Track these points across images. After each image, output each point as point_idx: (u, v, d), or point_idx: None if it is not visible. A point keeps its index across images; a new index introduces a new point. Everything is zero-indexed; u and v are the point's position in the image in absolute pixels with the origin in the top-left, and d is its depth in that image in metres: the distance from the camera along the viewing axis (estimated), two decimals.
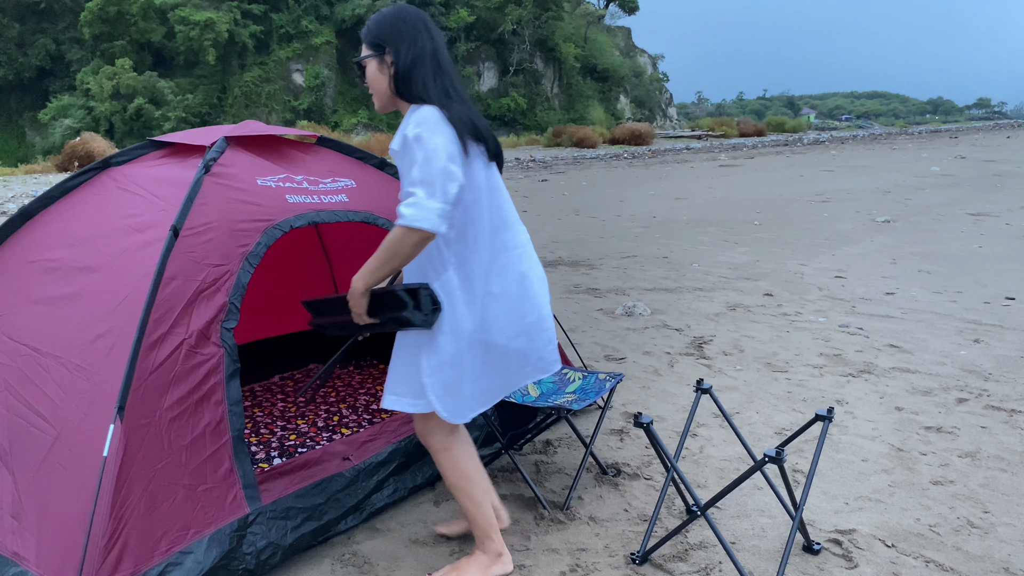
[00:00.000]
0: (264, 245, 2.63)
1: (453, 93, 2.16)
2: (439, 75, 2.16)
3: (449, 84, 2.17)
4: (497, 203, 2.28)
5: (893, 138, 47.68)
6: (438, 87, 2.15)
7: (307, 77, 41.98)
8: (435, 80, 2.15)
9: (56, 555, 2.11)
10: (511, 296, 2.26)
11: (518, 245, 2.32)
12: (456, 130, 2.09)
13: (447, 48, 2.23)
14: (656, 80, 59.68)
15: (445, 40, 2.26)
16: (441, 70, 2.17)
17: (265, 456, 3.22)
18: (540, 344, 2.35)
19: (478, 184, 2.20)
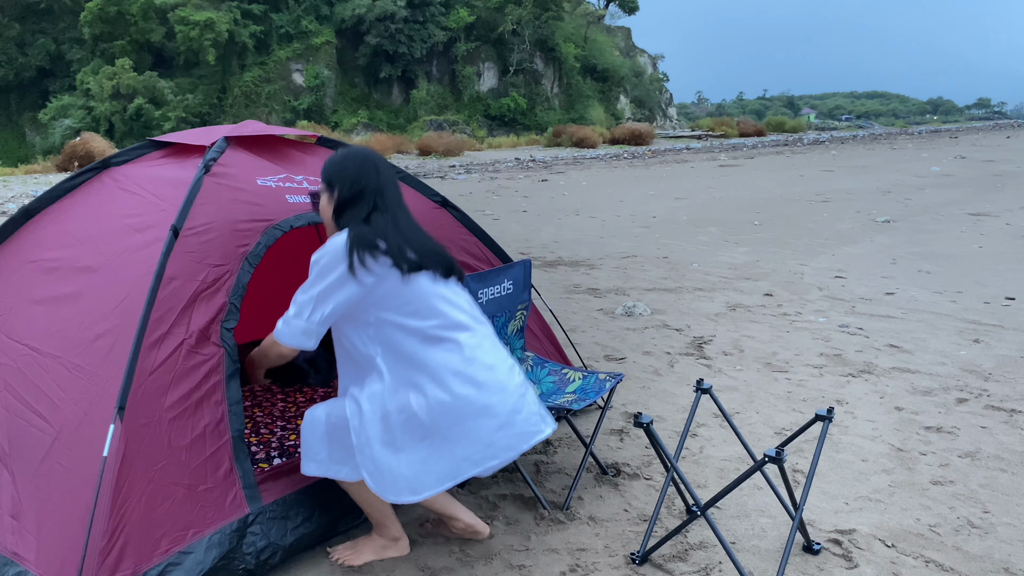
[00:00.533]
0: (264, 245, 2.63)
1: (387, 224, 2.32)
2: (376, 211, 2.34)
3: (388, 219, 2.34)
4: (432, 314, 2.33)
5: (893, 138, 47.69)
6: (374, 217, 2.33)
7: (307, 77, 41.99)
8: (370, 215, 2.33)
9: (56, 555, 2.11)
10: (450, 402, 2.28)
11: (460, 349, 2.32)
12: (358, 249, 2.24)
13: (395, 187, 2.42)
14: (656, 80, 59.68)
15: (395, 178, 2.47)
16: (382, 207, 2.35)
17: (265, 456, 3.22)
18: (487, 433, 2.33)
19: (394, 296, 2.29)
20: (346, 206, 2.35)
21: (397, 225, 2.34)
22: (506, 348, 2.55)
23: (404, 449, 2.28)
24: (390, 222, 2.34)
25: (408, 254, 2.29)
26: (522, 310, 3.29)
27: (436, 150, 29.68)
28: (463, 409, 2.27)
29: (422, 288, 2.32)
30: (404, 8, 42.19)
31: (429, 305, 2.32)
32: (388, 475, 2.28)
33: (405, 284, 2.29)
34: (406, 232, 2.35)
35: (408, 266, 2.28)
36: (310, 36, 42.90)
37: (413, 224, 2.40)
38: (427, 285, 2.33)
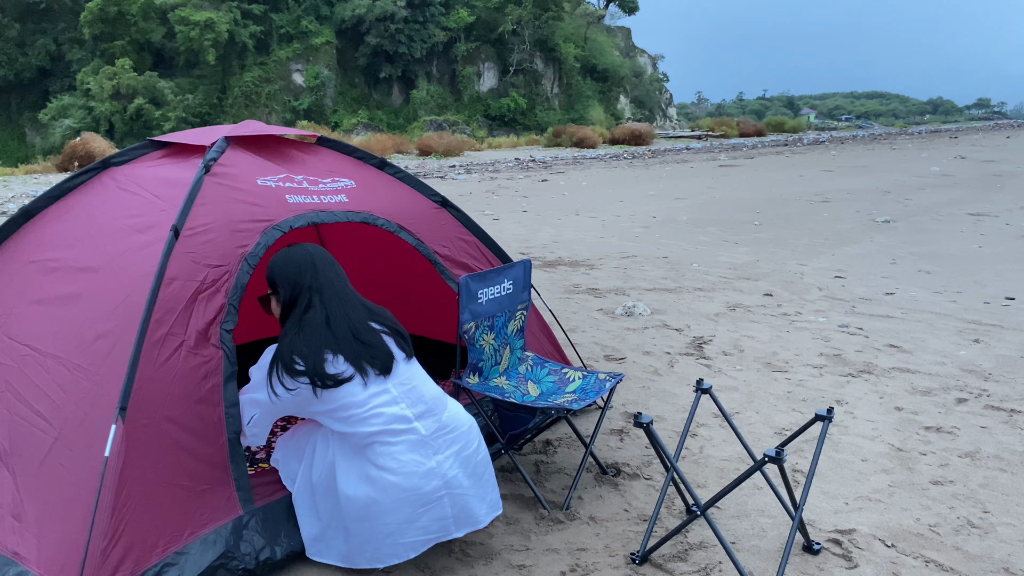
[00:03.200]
0: (264, 246, 2.63)
1: (313, 332, 2.37)
2: (311, 309, 2.41)
3: (320, 321, 2.39)
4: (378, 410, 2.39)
5: (893, 138, 47.69)
6: (307, 319, 2.40)
7: (307, 77, 42.00)
8: (309, 310, 2.41)
9: (57, 555, 2.11)
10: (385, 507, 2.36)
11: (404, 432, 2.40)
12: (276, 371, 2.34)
13: (337, 281, 2.48)
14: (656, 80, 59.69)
15: (338, 272, 2.51)
16: (318, 305, 2.42)
17: (265, 456, 3.22)
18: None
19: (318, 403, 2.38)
20: (287, 308, 2.47)
21: (329, 326, 2.39)
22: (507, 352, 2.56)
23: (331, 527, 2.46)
24: (321, 324, 2.39)
25: (327, 368, 2.34)
26: (522, 310, 3.29)
27: (436, 150, 29.69)
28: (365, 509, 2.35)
29: (344, 398, 2.36)
30: (404, 8, 42.20)
31: (350, 414, 2.37)
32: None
33: (325, 397, 2.36)
34: (337, 332, 2.39)
35: (324, 383, 2.34)
36: (310, 36, 42.91)
37: (349, 319, 2.43)
38: (351, 394, 2.36)
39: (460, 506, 2.44)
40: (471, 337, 3.00)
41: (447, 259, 3.33)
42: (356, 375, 2.37)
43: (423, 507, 2.38)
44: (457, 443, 2.48)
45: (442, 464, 2.42)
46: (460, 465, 2.46)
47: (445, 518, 2.42)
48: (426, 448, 2.41)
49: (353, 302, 2.49)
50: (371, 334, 2.45)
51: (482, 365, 3.10)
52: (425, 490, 2.37)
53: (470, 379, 3.06)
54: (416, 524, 2.38)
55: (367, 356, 2.40)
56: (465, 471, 2.47)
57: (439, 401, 2.52)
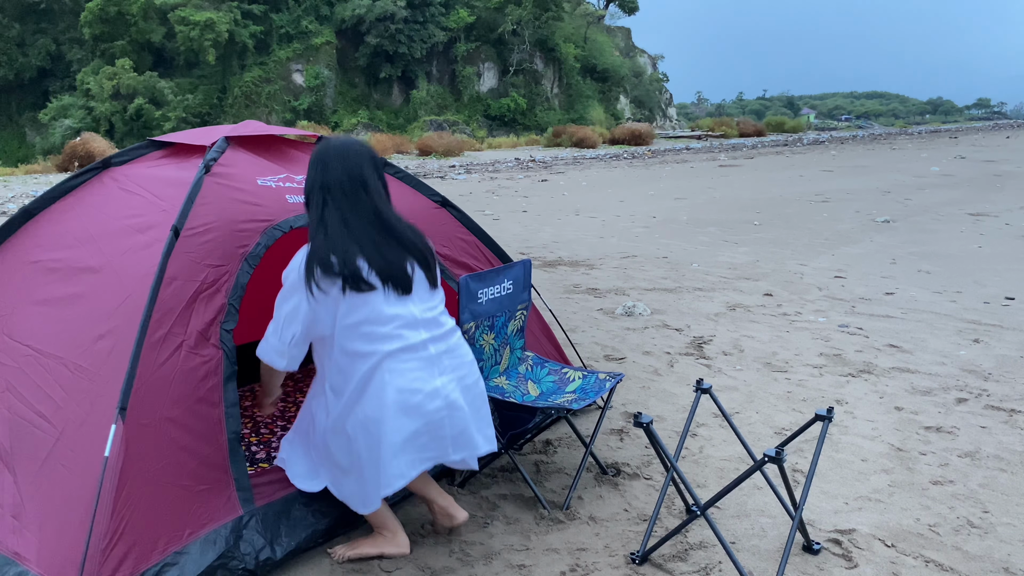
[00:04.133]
0: (264, 246, 2.63)
1: (337, 225, 2.33)
2: (335, 206, 2.35)
3: (345, 214, 2.35)
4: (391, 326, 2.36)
5: (893, 138, 47.69)
6: (326, 217, 2.35)
7: (307, 77, 41.99)
8: (324, 208, 2.36)
9: (57, 555, 2.11)
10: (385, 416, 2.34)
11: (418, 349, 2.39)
12: (309, 273, 2.30)
13: (353, 181, 2.37)
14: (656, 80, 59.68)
15: (358, 170, 2.39)
16: (343, 200, 2.35)
17: (265, 456, 3.22)
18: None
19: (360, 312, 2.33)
20: (309, 196, 2.42)
21: (348, 228, 2.34)
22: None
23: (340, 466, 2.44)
24: (339, 224, 2.33)
25: (356, 270, 2.30)
26: (522, 310, 3.29)
27: (436, 150, 29.69)
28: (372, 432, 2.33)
29: (368, 313, 2.32)
30: (404, 8, 42.18)
31: (371, 330, 2.33)
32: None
33: (351, 305, 2.31)
34: (358, 236, 2.34)
35: (356, 285, 2.30)
36: (310, 36, 42.90)
37: (364, 226, 2.36)
38: (375, 309, 2.33)
39: (459, 428, 2.43)
40: (471, 337, 3.00)
41: (447, 259, 3.33)
42: (380, 287, 2.33)
43: (425, 425, 2.36)
44: (461, 369, 2.47)
45: (446, 386, 2.41)
46: (461, 391, 2.45)
47: (444, 439, 2.41)
48: (432, 368, 2.40)
49: (364, 210, 2.38)
50: (390, 249, 2.38)
51: (482, 365, 3.10)
52: (428, 408, 2.36)
53: None
54: (417, 442, 2.37)
55: (387, 270, 2.35)
56: (465, 398, 2.46)
57: (453, 330, 2.53)
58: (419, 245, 2.47)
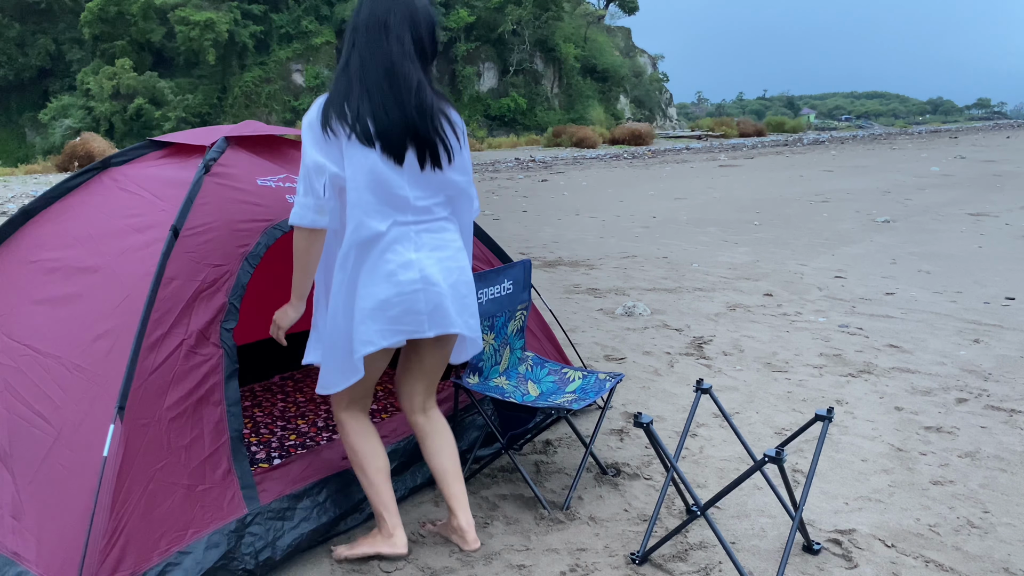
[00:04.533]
0: (264, 245, 2.63)
1: (359, 72, 2.25)
2: (358, 51, 2.27)
3: (365, 59, 2.25)
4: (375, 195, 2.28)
5: (893, 138, 47.69)
6: (350, 61, 2.28)
7: (307, 77, 42.00)
8: (351, 51, 2.28)
9: (56, 555, 2.11)
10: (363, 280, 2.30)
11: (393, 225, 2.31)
12: (325, 115, 2.24)
13: (401, 27, 2.26)
14: (656, 80, 59.69)
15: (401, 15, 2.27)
16: (365, 43, 2.26)
17: (265, 456, 3.22)
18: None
19: (358, 174, 2.26)
20: (342, 39, 2.39)
21: (363, 72, 2.25)
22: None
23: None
24: (356, 70, 2.25)
25: (364, 124, 2.23)
26: (522, 310, 3.29)
27: None
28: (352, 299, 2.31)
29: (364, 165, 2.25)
30: None
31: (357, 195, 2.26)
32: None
33: (353, 156, 2.24)
34: (371, 86, 2.24)
35: (361, 134, 2.23)
36: (310, 36, 42.91)
37: (381, 76, 2.25)
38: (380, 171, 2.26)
39: (435, 304, 2.33)
40: None
41: None
42: (378, 146, 2.25)
43: (397, 295, 2.29)
44: (442, 251, 2.38)
45: (422, 260, 2.32)
46: (441, 270, 2.36)
47: (419, 313, 2.32)
48: (408, 242, 2.32)
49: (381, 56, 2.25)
50: (392, 108, 2.26)
51: (482, 365, 3.10)
52: (400, 278, 2.29)
53: (470, 379, 3.06)
54: (388, 313, 2.29)
55: (385, 129, 2.25)
56: (445, 278, 2.36)
57: (446, 222, 2.43)
58: (424, 116, 2.30)
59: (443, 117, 2.37)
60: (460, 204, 2.51)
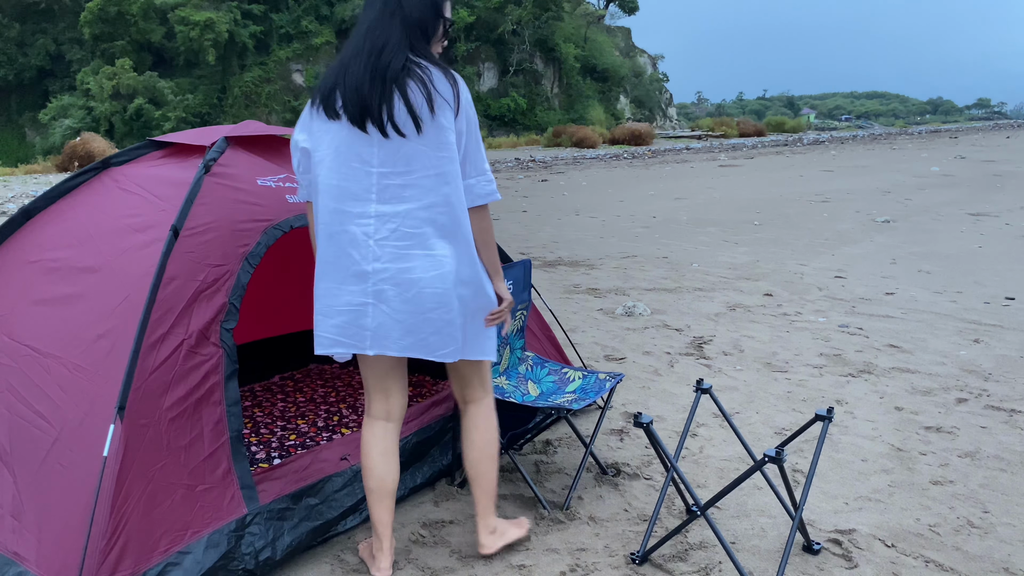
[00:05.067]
0: (264, 245, 2.63)
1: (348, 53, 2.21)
2: (356, 32, 2.22)
3: (354, 40, 2.21)
4: (337, 173, 2.20)
5: (893, 138, 47.68)
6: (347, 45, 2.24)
7: (307, 77, 41.99)
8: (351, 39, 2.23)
9: (56, 555, 2.11)
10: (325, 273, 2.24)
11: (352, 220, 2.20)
12: (313, 96, 2.24)
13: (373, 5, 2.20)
14: (656, 80, 59.69)
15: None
16: (366, 10, 2.21)
17: (265, 456, 3.22)
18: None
19: (323, 148, 2.23)
20: None
21: (344, 51, 2.21)
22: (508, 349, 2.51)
23: None
24: (343, 53, 2.20)
25: (327, 94, 2.17)
26: (522, 310, 3.29)
27: None
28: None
29: (332, 141, 2.20)
30: None
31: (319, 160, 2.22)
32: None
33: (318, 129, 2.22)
34: (345, 59, 2.18)
35: (319, 103, 2.19)
36: (310, 36, 42.90)
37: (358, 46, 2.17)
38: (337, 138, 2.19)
39: (379, 322, 2.19)
40: None
41: None
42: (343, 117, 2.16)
43: (345, 305, 2.20)
44: (406, 260, 2.18)
45: (378, 272, 2.18)
46: (398, 286, 2.18)
47: (364, 329, 2.20)
48: (368, 248, 2.18)
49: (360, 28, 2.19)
50: (358, 70, 2.15)
51: None
52: (351, 287, 2.19)
53: None
54: (333, 321, 2.22)
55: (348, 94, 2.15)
56: (401, 294, 2.18)
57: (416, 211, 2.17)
58: (380, 76, 2.13)
59: (413, 79, 2.14)
60: (446, 187, 2.18)
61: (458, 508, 2.93)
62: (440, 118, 2.16)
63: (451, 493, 3.04)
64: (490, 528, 2.55)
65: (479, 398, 2.50)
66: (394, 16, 2.16)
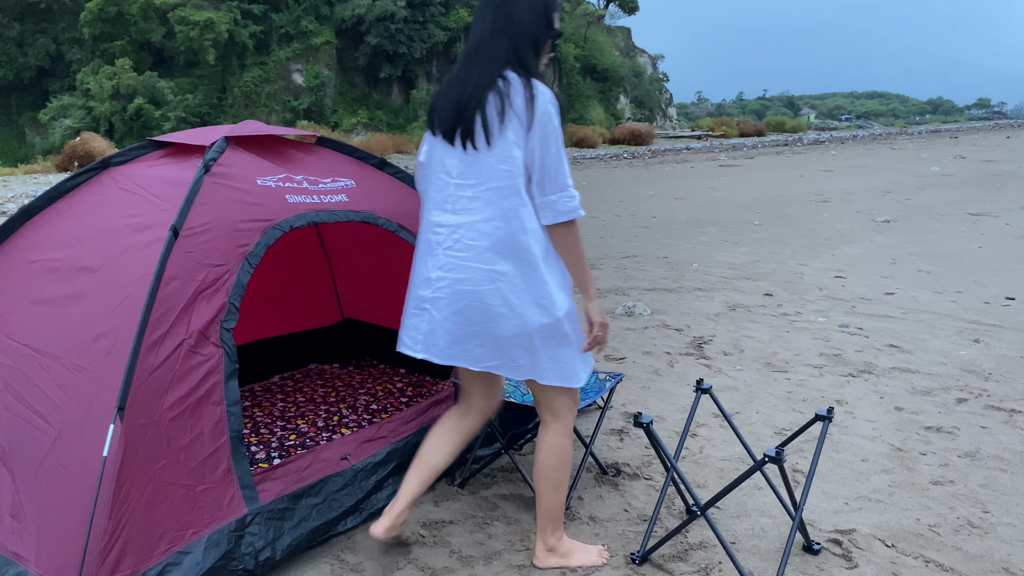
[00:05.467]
0: (264, 245, 2.63)
1: (457, 67, 2.30)
2: (467, 45, 2.32)
3: (465, 54, 2.30)
4: (429, 183, 2.39)
5: (893, 138, 47.68)
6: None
7: (307, 77, 41.98)
8: (464, 52, 2.33)
9: (56, 555, 2.11)
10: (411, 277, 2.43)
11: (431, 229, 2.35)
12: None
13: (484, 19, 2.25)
14: (656, 80, 59.67)
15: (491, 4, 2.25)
16: (470, 37, 2.32)
17: (265, 456, 3.22)
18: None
19: (428, 160, 2.42)
20: None
21: (452, 77, 2.28)
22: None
23: None
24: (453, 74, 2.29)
25: (430, 108, 2.32)
26: None
27: None
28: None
29: (431, 153, 2.38)
30: (404, 8, 42.18)
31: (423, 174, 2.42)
32: None
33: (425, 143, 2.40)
34: (451, 76, 2.28)
35: (430, 127, 2.34)
36: (310, 36, 42.89)
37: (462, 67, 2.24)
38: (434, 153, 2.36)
39: (430, 328, 2.30)
40: None
41: None
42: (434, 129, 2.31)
43: (412, 307, 2.37)
44: (461, 271, 2.24)
45: (441, 279, 2.26)
46: (452, 296, 2.25)
47: (419, 331, 2.33)
48: (437, 256, 2.28)
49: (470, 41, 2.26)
50: (455, 83, 2.23)
51: None
52: (420, 292, 2.35)
53: None
54: (404, 320, 2.41)
55: (440, 113, 2.26)
56: (452, 304, 2.25)
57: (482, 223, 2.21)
58: (472, 89, 2.18)
59: (494, 92, 2.16)
60: (505, 202, 2.19)
61: (458, 508, 2.92)
62: (508, 131, 2.17)
63: (451, 493, 3.04)
64: (548, 546, 2.51)
65: (546, 421, 2.45)
66: (503, 32, 2.20)
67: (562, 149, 2.19)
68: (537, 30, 2.23)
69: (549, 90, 2.19)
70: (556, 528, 2.49)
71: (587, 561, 2.52)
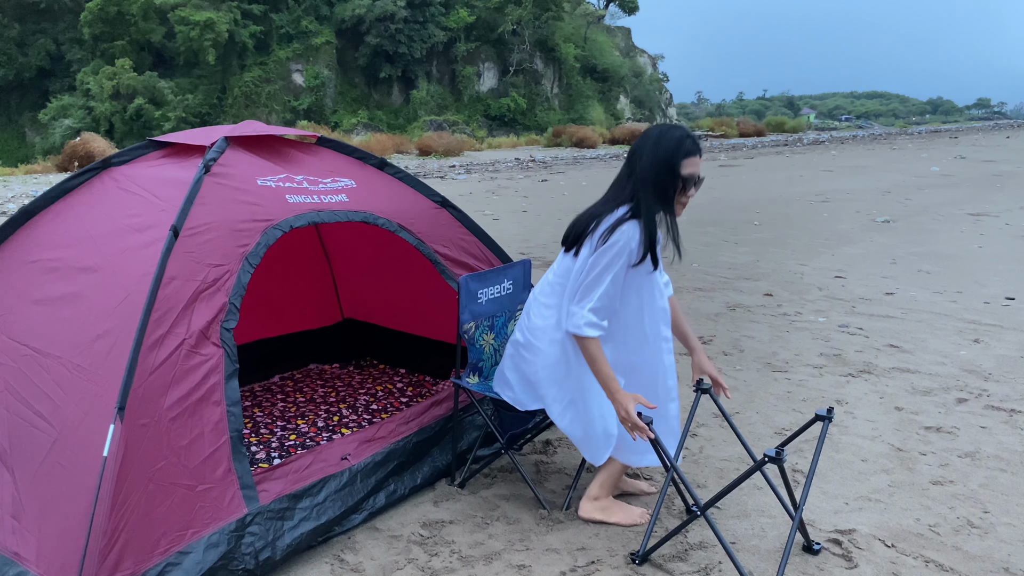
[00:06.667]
0: (264, 245, 2.63)
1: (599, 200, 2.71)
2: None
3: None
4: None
5: (893, 138, 47.69)
6: None
7: (307, 77, 42.01)
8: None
9: (56, 555, 2.11)
10: None
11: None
12: None
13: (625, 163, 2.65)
14: (656, 80, 59.70)
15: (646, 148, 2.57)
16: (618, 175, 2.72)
17: (265, 456, 3.22)
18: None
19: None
20: None
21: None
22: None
23: None
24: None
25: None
26: (522, 310, 3.29)
27: (436, 150, 29.69)
28: None
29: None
30: (404, 8, 42.21)
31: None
32: None
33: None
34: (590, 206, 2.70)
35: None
36: (310, 36, 42.92)
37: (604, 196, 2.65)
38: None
39: (500, 368, 2.92)
40: (471, 337, 3.00)
41: (447, 259, 3.33)
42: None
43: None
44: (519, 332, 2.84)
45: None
46: (512, 349, 2.84)
47: (502, 370, 2.89)
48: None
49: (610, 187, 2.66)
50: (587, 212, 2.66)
51: (482, 365, 3.10)
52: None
53: (470, 379, 3.06)
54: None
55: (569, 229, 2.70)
56: (512, 356, 2.83)
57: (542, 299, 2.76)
58: (586, 218, 2.63)
59: (595, 221, 2.58)
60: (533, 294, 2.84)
61: (458, 508, 2.93)
62: (582, 250, 2.60)
63: (451, 493, 3.04)
64: (593, 495, 2.84)
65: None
66: (629, 178, 2.57)
67: (602, 274, 2.50)
68: (659, 178, 2.52)
69: (636, 235, 2.50)
70: (605, 484, 2.83)
71: (626, 519, 2.80)
